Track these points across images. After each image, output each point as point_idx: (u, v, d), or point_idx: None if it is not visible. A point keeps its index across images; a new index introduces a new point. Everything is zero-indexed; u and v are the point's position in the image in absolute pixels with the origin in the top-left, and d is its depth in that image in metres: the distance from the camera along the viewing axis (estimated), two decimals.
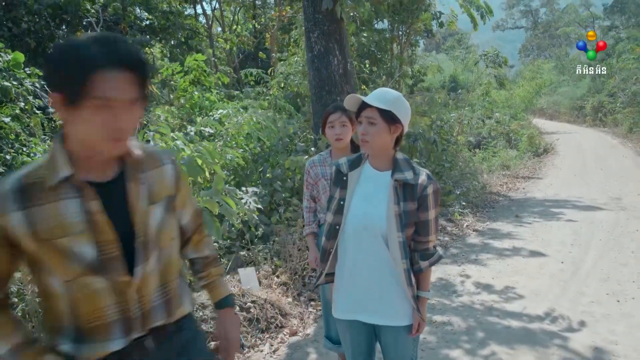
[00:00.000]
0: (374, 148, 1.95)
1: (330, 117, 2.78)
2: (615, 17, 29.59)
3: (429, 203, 1.93)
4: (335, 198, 2.06)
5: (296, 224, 4.96)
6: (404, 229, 1.90)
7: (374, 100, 1.91)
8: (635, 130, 19.13)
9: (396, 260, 1.94)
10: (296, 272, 4.52)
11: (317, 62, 5.62)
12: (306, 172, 2.95)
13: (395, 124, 1.93)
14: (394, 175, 1.94)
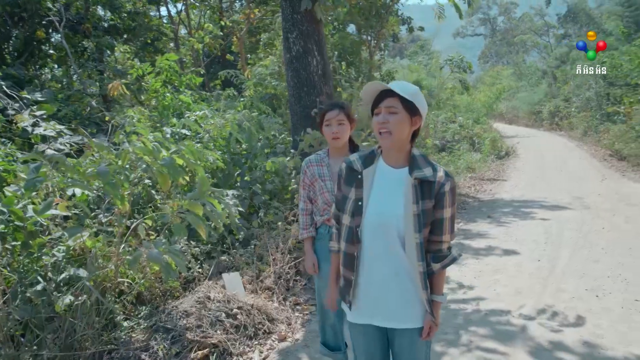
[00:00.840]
0: (394, 140, 1.83)
1: (327, 114, 2.71)
2: (568, 26, 30.96)
3: (446, 201, 1.84)
4: (350, 198, 1.94)
5: (277, 227, 4.86)
6: (421, 229, 1.81)
7: (397, 88, 1.81)
8: (589, 133, 19.97)
9: (412, 263, 1.85)
10: (280, 276, 4.42)
11: (295, 62, 5.54)
12: (303, 171, 2.86)
13: (416, 115, 1.85)
14: (413, 172, 1.84)
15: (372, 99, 1.88)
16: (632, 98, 15.80)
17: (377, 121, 1.84)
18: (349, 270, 1.96)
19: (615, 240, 6.24)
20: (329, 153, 2.83)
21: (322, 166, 2.78)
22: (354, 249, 1.92)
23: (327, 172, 2.78)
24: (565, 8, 30.58)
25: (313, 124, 5.40)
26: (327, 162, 2.79)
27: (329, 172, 2.77)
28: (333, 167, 2.78)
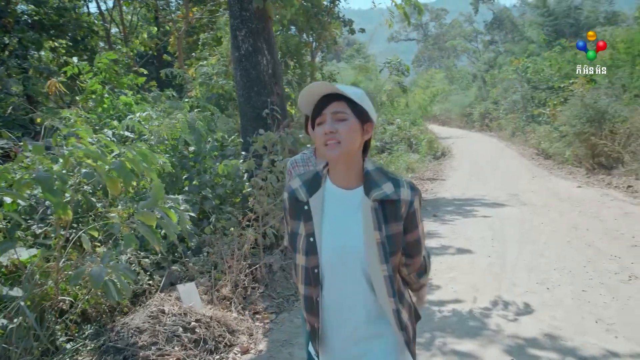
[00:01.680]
0: (344, 152, 1.49)
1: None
2: (494, 32, 32.72)
3: (417, 218, 1.55)
4: (299, 235, 1.59)
5: (230, 233, 4.64)
6: (389, 259, 1.50)
7: (345, 90, 1.49)
8: (517, 134, 21.14)
9: (383, 301, 1.53)
10: (237, 284, 4.20)
11: (244, 61, 5.34)
12: (288, 172, 2.65)
13: (367, 122, 1.54)
14: (371, 192, 1.51)
15: (312, 105, 1.55)
16: (555, 100, 16.86)
17: (322, 131, 1.49)
18: (312, 316, 1.62)
19: (554, 234, 6.55)
20: (316, 152, 2.61)
21: (308, 166, 2.58)
22: (314, 293, 1.59)
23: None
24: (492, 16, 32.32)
25: (265, 125, 5.23)
26: (314, 163, 2.60)
27: None
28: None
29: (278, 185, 4.63)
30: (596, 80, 15.32)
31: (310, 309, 1.61)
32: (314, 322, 1.62)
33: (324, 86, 1.51)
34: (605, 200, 8.89)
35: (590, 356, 3.27)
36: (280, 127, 5.11)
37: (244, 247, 4.40)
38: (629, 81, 15.92)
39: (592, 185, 10.55)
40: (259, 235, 4.56)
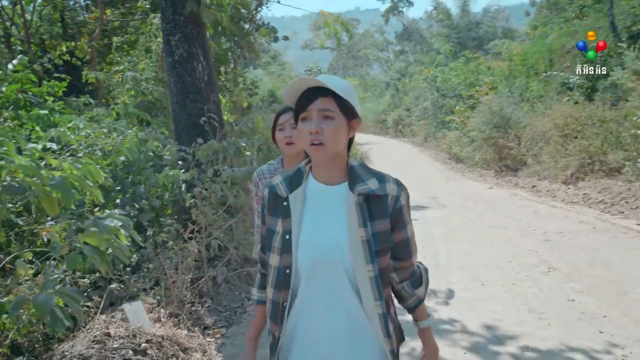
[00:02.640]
0: (329, 153, 1.42)
1: (280, 118, 2.44)
2: (404, 43, 34.42)
3: (405, 217, 1.49)
4: (277, 232, 1.51)
5: (171, 247, 4.44)
6: (375, 258, 1.43)
7: (332, 84, 1.41)
8: (429, 139, 22.36)
9: (368, 304, 1.44)
10: (183, 300, 4.02)
11: (179, 67, 5.14)
12: (254, 184, 2.56)
13: (354, 118, 1.47)
14: (355, 187, 1.44)
15: (295, 100, 1.47)
16: (462, 107, 18.07)
17: (307, 129, 1.41)
18: (275, 324, 1.50)
19: (476, 233, 7.01)
20: (283, 163, 2.52)
21: None
22: (282, 297, 1.48)
23: None
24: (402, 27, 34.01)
25: (202, 133, 5.07)
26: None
27: None
28: None
29: (222, 195, 4.52)
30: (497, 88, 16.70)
31: (275, 316, 1.50)
32: (276, 331, 1.51)
33: (312, 80, 1.42)
34: (514, 199, 9.68)
35: (531, 344, 3.55)
36: (219, 136, 4.99)
37: (187, 261, 4.23)
38: (525, 90, 17.53)
39: (502, 186, 11.45)
40: (202, 247, 4.41)
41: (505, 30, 26.94)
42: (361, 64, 41.18)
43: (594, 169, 9.31)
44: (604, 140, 9.40)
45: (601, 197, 8.34)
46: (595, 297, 4.38)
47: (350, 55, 43.28)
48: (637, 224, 6.80)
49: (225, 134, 5.24)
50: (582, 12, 18.85)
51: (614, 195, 8.09)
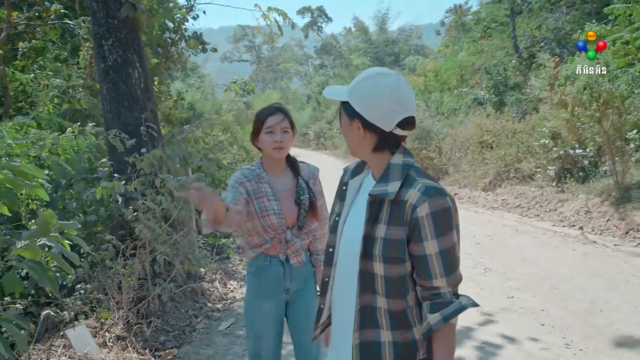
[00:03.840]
0: (351, 151, 1.55)
1: (268, 119, 2.23)
2: (324, 57, 35.14)
3: (424, 231, 1.36)
4: (334, 212, 1.63)
5: (113, 265, 4.11)
6: (368, 255, 1.43)
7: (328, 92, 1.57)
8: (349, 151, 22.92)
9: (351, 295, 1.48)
10: (129, 320, 3.73)
11: (112, 74, 4.80)
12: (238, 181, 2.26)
13: (354, 119, 1.46)
14: (375, 187, 1.46)
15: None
16: None
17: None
18: (321, 296, 1.64)
19: None
20: (263, 166, 2.33)
21: (261, 183, 2.28)
22: (326, 272, 1.61)
23: (270, 190, 2.27)
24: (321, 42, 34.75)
25: (138, 143, 4.78)
26: (267, 179, 2.30)
27: (272, 190, 2.28)
28: (275, 184, 2.30)
29: (162, 208, 4.27)
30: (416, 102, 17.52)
31: (322, 288, 1.64)
32: (321, 303, 1.66)
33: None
34: None
35: (486, 341, 3.72)
36: (159, 146, 4.74)
37: (131, 279, 3.94)
38: (440, 104, 18.62)
39: None
40: (146, 264, 4.13)
41: (418, 48, 28.54)
42: (281, 77, 41.39)
43: (509, 176, 10.05)
44: (517, 149, 10.19)
45: (518, 202, 9.01)
46: (531, 293, 4.69)
47: (270, 69, 43.39)
48: (552, 225, 7.42)
49: (163, 144, 4.99)
50: (486, 33, 20.46)
51: (529, 200, 8.77)
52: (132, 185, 4.08)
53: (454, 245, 1.40)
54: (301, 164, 2.40)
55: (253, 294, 2.36)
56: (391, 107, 1.42)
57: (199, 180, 4.36)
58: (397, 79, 1.46)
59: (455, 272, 1.39)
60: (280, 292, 2.33)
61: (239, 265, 6.14)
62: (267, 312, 2.33)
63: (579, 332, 3.80)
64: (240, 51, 47.00)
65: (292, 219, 2.30)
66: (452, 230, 1.39)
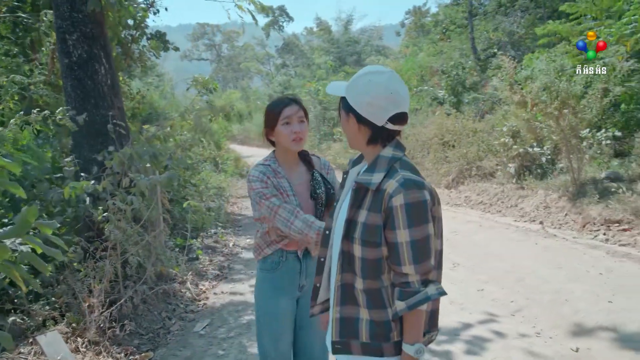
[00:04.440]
0: (349, 144, 1.67)
1: (285, 110, 2.15)
2: (286, 56, 35.02)
3: (398, 219, 1.46)
4: (337, 199, 1.77)
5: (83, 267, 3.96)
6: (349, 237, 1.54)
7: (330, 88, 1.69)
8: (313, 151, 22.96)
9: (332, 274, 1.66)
10: (102, 325, 3.60)
11: (78, 70, 4.62)
12: (262, 180, 2.14)
13: (349, 113, 1.58)
14: (361, 175, 1.57)
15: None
16: None
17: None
18: (316, 275, 1.78)
19: None
20: (278, 161, 2.24)
21: (279, 178, 2.19)
22: (321, 253, 1.75)
23: (288, 185, 2.19)
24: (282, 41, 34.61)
25: (105, 141, 4.63)
26: (283, 174, 2.21)
27: (290, 186, 2.20)
28: (292, 179, 2.23)
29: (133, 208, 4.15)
30: None
31: (317, 268, 1.76)
32: (316, 282, 1.78)
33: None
34: None
35: (453, 328, 3.83)
36: (128, 144, 4.60)
37: (103, 282, 3.80)
38: None
39: None
40: (118, 266, 4.00)
41: (379, 48, 28.92)
42: (242, 76, 40.96)
43: (471, 174, 10.34)
44: (478, 148, 10.50)
45: (480, 198, 9.29)
46: (500, 285, 4.85)
47: (231, 68, 42.85)
48: (514, 221, 7.69)
49: (130, 142, 4.85)
50: (445, 35, 20.97)
51: (491, 197, 9.06)
52: (101, 184, 3.94)
53: (427, 237, 1.48)
54: (312, 157, 2.34)
55: (268, 291, 2.26)
56: (382, 103, 1.53)
57: (172, 178, 4.28)
58: (390, 77, 1.56)
59: (425, 262, 1.49)
60: (295, 288, 2.25)
61: (209, 265, 6.06)
62: (283, 309, 2.24)
63: (547, 321, 3.97)
64: (200, 49, 46.26)
65: (309, 214, 2.19)
66: (426, 222, 1.48)
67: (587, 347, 3.49)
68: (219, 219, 8.64)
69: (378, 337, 1.55)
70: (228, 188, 15.03)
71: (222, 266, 6.08)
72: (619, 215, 6.41)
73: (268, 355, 2.28)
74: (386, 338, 1.55)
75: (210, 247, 6.86)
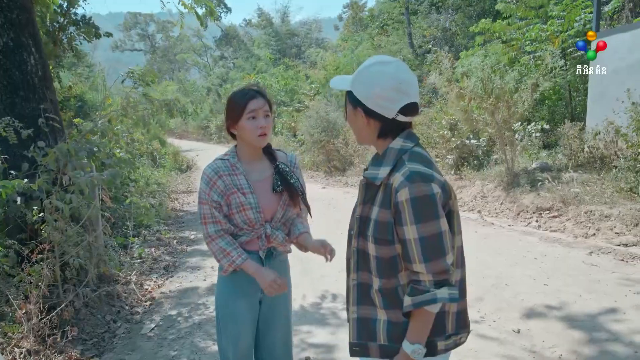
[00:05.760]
0: (357, 139, 1.62)
1: (250, 103, 2.02)
2: (224, 48, 34.24)
3: (404, 215, 1.39)
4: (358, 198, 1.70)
5: (16, 272, 3.68)
6: (362, 235, 1.52)
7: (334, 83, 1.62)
8: None
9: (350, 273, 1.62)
10: (41, 332, 3.37)
11: (4, 59, 4.25)
12: (209, 183, 2.05)
13: (357, 107, 1.52)
14: (368, 170, 1.54)
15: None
16: (289, 112, 18.80)
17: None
18: (347, 274, 1.69)
19: (329, 230, 7.37)
20: (238, 156, 2.13)
21: (236, 175, 2.08)
22: (348, 251, 1.66)
23: (246, 182, 2.09)
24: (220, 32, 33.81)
25: (37, 136, 4.32)
26: (242, 169, 2.10)
27: (248, 183, 2.09)
28: (250, 174, 2.11)
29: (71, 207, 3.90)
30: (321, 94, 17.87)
31: (347, 268, 1.67)
32: (348, 281, 1.68)
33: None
34: (347, 197, 10.47)
35: None
36: (62, 139, 4.32)
37: (40, 287, 3.56)
38: (342, 98, 19.12)
39: (333, 186, 12.27)
40: (57, 269, 3.76)
41: (319, 41, 28.99)
42: (178, 68, 39.61)
43: None
44: None
45: None
46: None
47: (166, 59, 41.29)
48: None
49: (66, 138, 4.56)
50: (383, 29, 21.40)
51: None
52: (36, 183, 3.67)
53: (438, 234, 1.39)
54: (277, 151, 2.25)
55: (227, 292, 2.18)
56: (391, 94, 1.46)
57: (115, 176, 4.06)
58: (397, 66, 1.50)
59: (437, 260, 1.39)
60: (256, 290, 2.15)
61: (153, 264, 5.84)
62: (242, 311, 2.16)
63: (490, 305, 4.17)
64: (133, 40, 44.18)
65: (271, 212, 2.13)
66: (436, 217, 1.39)
67: (528, 328, 3.71)
68: (160, 215, 8.36)
69: (396, 339, 1.50)
70: (168, 184, 14.58)
71: (167, 264, 5.89)
72: (549, 203, 6.85)
73: (226, 356, 2.21)
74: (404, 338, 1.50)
75: (153, 245, 6.62)
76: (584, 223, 6.17)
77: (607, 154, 7.41)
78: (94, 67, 28.05)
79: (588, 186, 6.91)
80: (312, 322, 4.01)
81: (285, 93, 21.70)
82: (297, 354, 3.46)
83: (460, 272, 1.57)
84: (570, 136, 7.96)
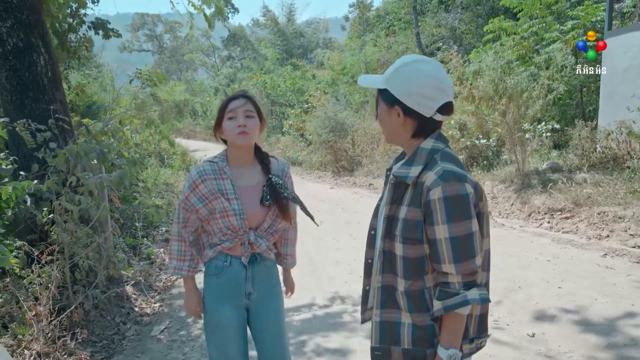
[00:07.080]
0: (387, 138, 1.59)
1: (230, 104, 2.03)
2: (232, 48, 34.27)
3: (436, 215, 1.37)
4: (380, 198, 1.70)
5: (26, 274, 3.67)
6: (389, 236, 1.49)
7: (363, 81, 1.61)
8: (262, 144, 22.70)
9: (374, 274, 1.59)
10: (51, 334, 3.36)
11: (13, 60, 4.26)
12: (191, 186, 2.05)
13: (393, 105, 1.49)
14: (399, 168, 1.52)
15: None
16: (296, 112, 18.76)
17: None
18: (365, 277, 1.68)
19: (336, 230, 7.37)
20: (227, 159, 2.10)
21: (223, 179, 2.04)
22: (368, 254, 1.65)
23: (231, 187, 2.04)
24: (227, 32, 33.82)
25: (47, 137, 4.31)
26: (229, 174, 2.06)
27: (234, 188, 2.05)
28: (237, 180, 2.08)
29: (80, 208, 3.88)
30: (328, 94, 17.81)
31: (365, 270, 1.67)
32: (365, 285, 1.69)
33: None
34: (356, 197, 10.42)
35: None
36: (72, 140, 4.32)
37: (50, 288, 3.54)
38: (350, 97, 19.06)
39: (341, 186, 12.21)
40: (66, 270, 3.74)
41: (325, 41, 28.91)
42: (186, 68, 39.68)
43: None
44: None
45: None
46: None
47: (174, 60, 41.40)
48: None
49: (76, 139, 4.56)
50: (391, 30, 21.30)
51: None
52: (45, 184, 3.66)
53: (469, 234, 1.38)
54: (271, 158, 2.21)
55: (211, 297, 2.15)
56: (431, 92, 1.45)
57: (124, 177, 4.04)
58: (436, 65, 1.50)
59: (467, 261, 1.38)
60: (241, 296, 2.12)
61: (163, 264, 5.83)
62: (227, 318, 2.12)
63: (504, 308, 4.10)
64: (141, 40, 44.35)
65: (257, 220, 2.09)
66: (468, 218, 1.38)
67: (542, 332, 3.64)
68: (169, 215, 8.35)
69: (421, 343, 1.47)
70: (176, 184, 14.60)
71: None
72: (560, 204, 6.76)
73: None
74: (430, 344, 1.47)
75: (162, 245, 6.60)
76: (597, 224, 6.08)
77: (620, 154, 7.30)
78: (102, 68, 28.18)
79: (601, 187, 6.81)
80: (326, 326, 3.96)
81: (292, 93, 21.66)
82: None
83: (486, 276, 1.55)
84: (582, 136, 7.85)
